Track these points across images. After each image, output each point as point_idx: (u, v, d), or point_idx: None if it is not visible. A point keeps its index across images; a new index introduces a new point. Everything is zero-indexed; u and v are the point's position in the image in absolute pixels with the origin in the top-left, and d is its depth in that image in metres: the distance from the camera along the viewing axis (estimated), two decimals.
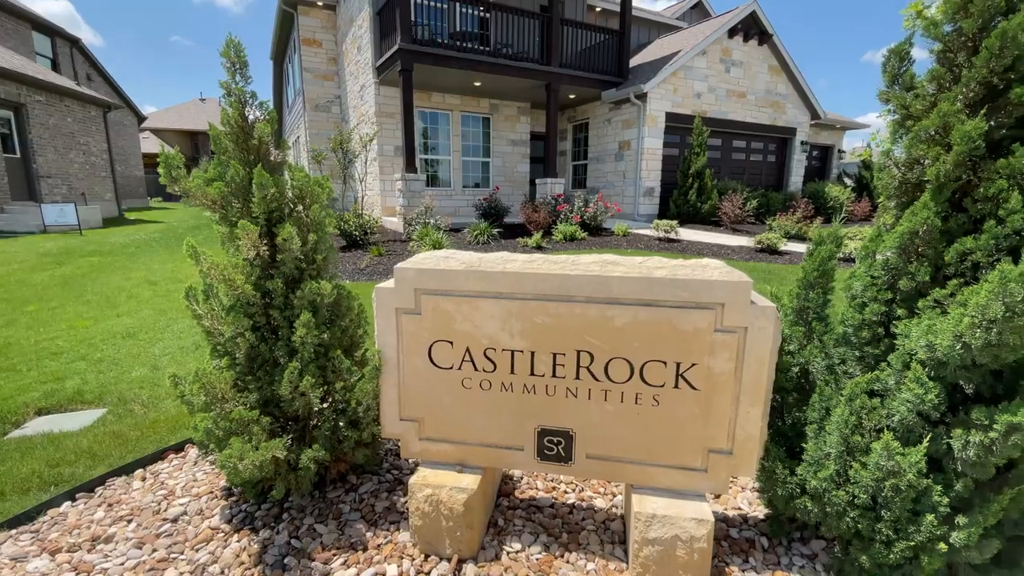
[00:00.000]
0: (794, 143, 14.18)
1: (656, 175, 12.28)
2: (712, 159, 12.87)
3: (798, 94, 13.85)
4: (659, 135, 12.00)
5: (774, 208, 12.06)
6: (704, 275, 1.67)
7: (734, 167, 13.71)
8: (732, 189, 11.82)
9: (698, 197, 11.51)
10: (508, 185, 13.53)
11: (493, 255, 1.91)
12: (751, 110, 13.22)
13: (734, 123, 13.01)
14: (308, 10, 14.13)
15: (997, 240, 1.39)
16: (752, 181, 13.78)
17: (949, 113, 1.47)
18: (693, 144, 11.47)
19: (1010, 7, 1.45)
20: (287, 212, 2.14)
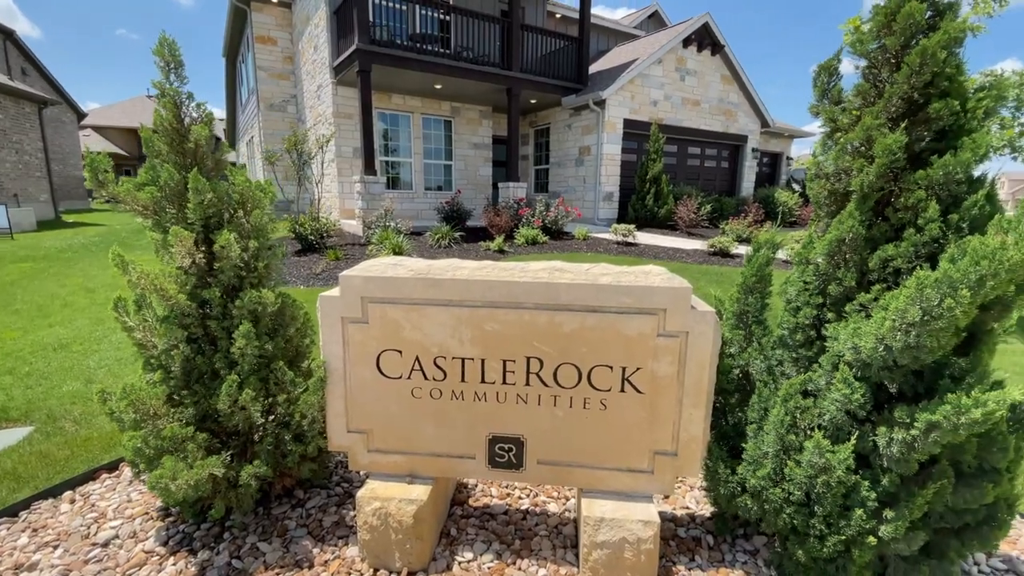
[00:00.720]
0: (745, 150, 14.78)
1: (615, 180, 12.52)
2: (668, 165, 13.24)
3: (749, 103, 14.44)
4: (618, 141, 12.25)
5: (727, 212, 12.51)
6: (647, 281, 1.71)
7: (689, 173, 14.15)
8: (687, 194, 12.20)
9: (655, 202, 11.81)
10: (471, 188, 13.49)
11: (442, 262, 1.89)
12: (705, 118, 13.69)
13: (689, 130, 13.43)
14: (262, 7, 13.69)
15: (916, 247, 1.48)
16: (706, 186, 14.25)
17: (872, 127, 1.55)
18: (650, 150, 11.77)
19: (931, 25, 1.55)
20: (227, 218, 2.05)
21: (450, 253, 8.16)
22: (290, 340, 2.14)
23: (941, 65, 1.47)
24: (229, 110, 21.98)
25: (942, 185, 1.45)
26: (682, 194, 12.31)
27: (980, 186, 1.46)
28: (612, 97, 11.78)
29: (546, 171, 14.38)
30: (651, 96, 12.56)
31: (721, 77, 13.72)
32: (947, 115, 1.47)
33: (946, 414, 1.31)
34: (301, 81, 13.62)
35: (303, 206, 13.02)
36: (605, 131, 11.99)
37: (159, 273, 1.88)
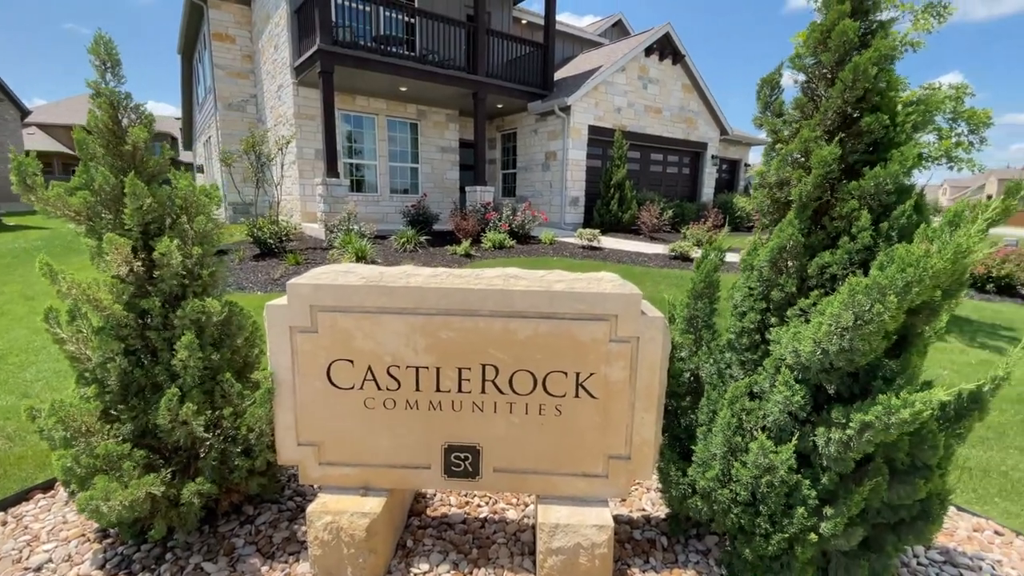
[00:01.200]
0: (706, 157, 15.22)
1: (581, 185, 12.68)
2: (632, 171, 13.50)
3: (708, 111, 14.89)
4: (583, 147, 12.41)
5: (688, 217, 12.85)
6: (599, 288, 1.73)
7: (652, 179, 14.47)
8: (650, 200, 12.46)
9: (619, 207, 12.01)
10: (438, 192, 13.39)
11: (396, 269, 1.86)
12: (667, 125, 14.04)
13: (651, 137, 13.75)
14: (220, 3, 13.24)
15: (850, 255, 1.55)
16: (668, 192, 14.61)
17: (810, 139, 1.62)
18: (614, 156, 11.98)
19: (863, 43, 1.63)
20: (169, 224, 1.96)
21: (416, 257, 8.07)
22: (238, 350, 2.07)
23: (872, 81, 1.54)
24: (185, 109, 21.14)
25: (873, 195, 1.52)
26: (645, 199, 12.57)
27: (908, 196, 1.54)
28: (577, 103, 11.94)
29: (513, 175, 14.44)
30: (615, 103, 12.79)
31: (682, 86, 14.11)
32: (878, 129, 1.54)
33: (878, 414, 1.37)
34: (261, 81, 13.23)
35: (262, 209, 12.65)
36: (570, 137, 12.13)
37: (92, 282, 1.78)
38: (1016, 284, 7.61)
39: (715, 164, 15.61)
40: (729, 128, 15.36)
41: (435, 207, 12.74)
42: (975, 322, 5.90)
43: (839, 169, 1.59)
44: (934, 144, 5.11)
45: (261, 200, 11.62)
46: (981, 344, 5.08)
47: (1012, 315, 6.36)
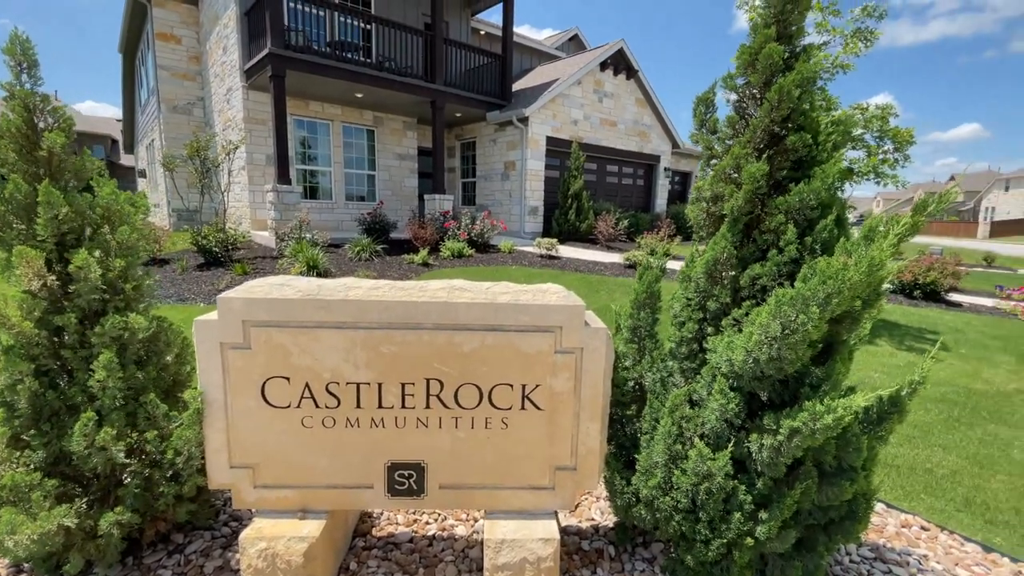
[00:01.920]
0: (659, 169, 15.73)
1: (539, 195, 12.82)
2: (589, 181, 13.78)
3: (661, 126, 15.42)
4: (541, 157, 12.58)
5: (642, 227, 13.21)
6: (544, 300, 1.73)
7: (608, 189, 14.81)
8: (606, 210, 12.74)
9: (577, 217, 12.22)
10: (396, 200, 13.22)
11: (335, 282, 1.80)
12: (622, 138, 14.43)
13: (607, 149, 14.09)
14: (165, 2, 12.70)
15: (779, 267, 1.62)
16: (624, 203, 14.98)
17: (741, 156, 1.69)
18: (571, 167, 12.20)
19: (788, 66, 1.71)
20: (88, 235, 1.83)
21: (371, 267, 7.91)
22: (166, 368, 1.95)
23: (796, 102, 1.63)
24: (126, 110, 20.06)
25: (798, 210, 1.60)
26: (602, 209, 12.85)
27: (830, 211, 1.63)
28: (535, 115, 12.10)
29: (473, 184, 14.44)
30: (572, 115, 13.04)
31: (635, 100, 14.56)
32: (802, 147, 1.63)
33: (804, 420, 1.43)
34: (209, 83, 12.73)
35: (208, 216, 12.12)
36: (529, 147, 12.27)
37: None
38: (940, 290, 8.20)
39: (668, 176, 16.15)
40: (681, 142, 15.95)
41: (392, 215, 12.57)
42: (903, 326, 6.31)
43: (767, 185, 1.66)
44: (863, 160, 5.47)
45: (207, 207, 11.13)
46: (908, 347, 5.44)
47: (936, 319, 6.85)
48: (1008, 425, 3.67)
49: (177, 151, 12.62)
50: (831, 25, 5.64)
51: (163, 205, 14.33)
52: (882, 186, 5.45)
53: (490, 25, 15.60)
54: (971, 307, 7.95)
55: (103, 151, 36.98)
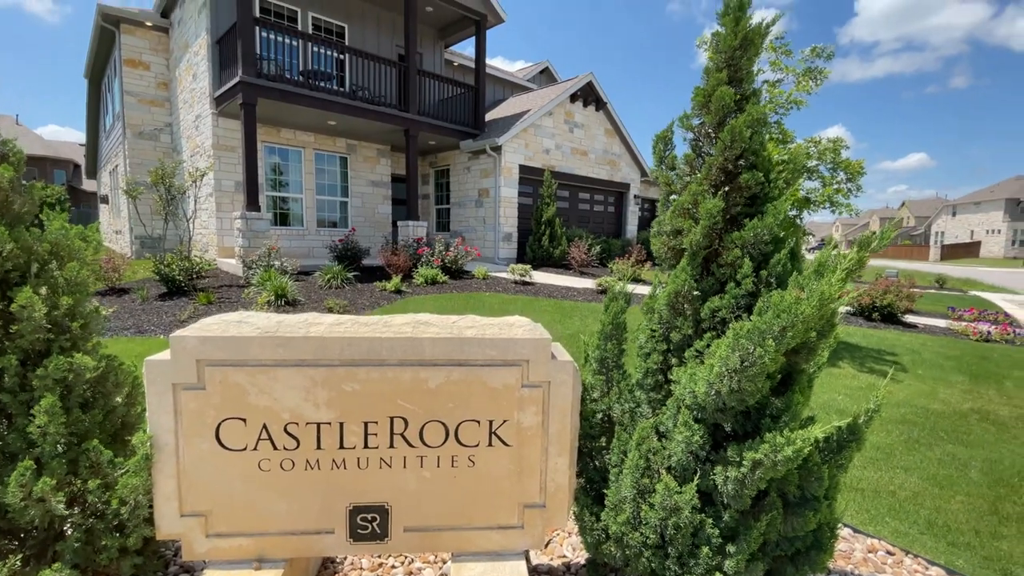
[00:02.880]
0: (629, 197, 16.14)
1: (513, 222, 12.96)
2: (561, 208, 14.03)
3: (630, 155, 15.90)
4: (514, 185, 12.76)
5: (614, 253, 13.44)
6: (510, 333, 1.73)
7: (581, 216, 15.09)
8: (579, 236, 12.95)
9: (550, 243, 12.37)
10: (369, 227, 13.14)
11: (296, 317, 1.76)
12: (592, 167, 14.80)
13: (579, 177, 14.41)
14: (134, 29, 12.58)
15: (737, 299, 1.66)
16: (596, 229, 15.27)
17: (698, 192, 1.75)
18: (544, 195, 12.41)
19: (739, 107, 1.79)
20: (35, 271, 1.75)
21: (342, 294, 7.78)
22: (113, 411, 1.85)
23: (748, 142, 1.70)
24: (90, 136, 19.58)
25: (753, 245, 1.65)
26: (574, 236, 13.04)
27: (783, 245, 1.69)
28: (508, 144, 12.32)
29: (447, 211, 14.50)
30: (543, 145, 13.34)
31: (605, 131, 15.01)
32: (755, 184, 1.70)
33: (766, 452, 1.45)
34: (178, 109, 12.56)
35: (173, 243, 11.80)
36: (502, 175, 12.45)
37: None
38: (896, 312, 8.55)
39: (638, 203, 16.58)
40: (649, 170, 16.43)
41: (366, 242, 12.47)
42: (863, 348, 6.53)
43: (723, 220, 1.72)
44: (819, 191, 5.74)
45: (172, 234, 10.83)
46: (869, 369, 5.62)
47: (894, 341, 7.12)
48: (964, 445, 3.79)
49: (142, 177, 12.32)
50: (784, 64, 5.97)
51: (125, 232, 13.88)
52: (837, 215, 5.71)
53: (463, 57, 15.97)
54: (926, 328, 8.29)
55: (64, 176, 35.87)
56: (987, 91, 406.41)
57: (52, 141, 39.63)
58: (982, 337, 7.76)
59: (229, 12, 9.92)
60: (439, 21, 13.48)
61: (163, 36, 12.92)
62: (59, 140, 43.54)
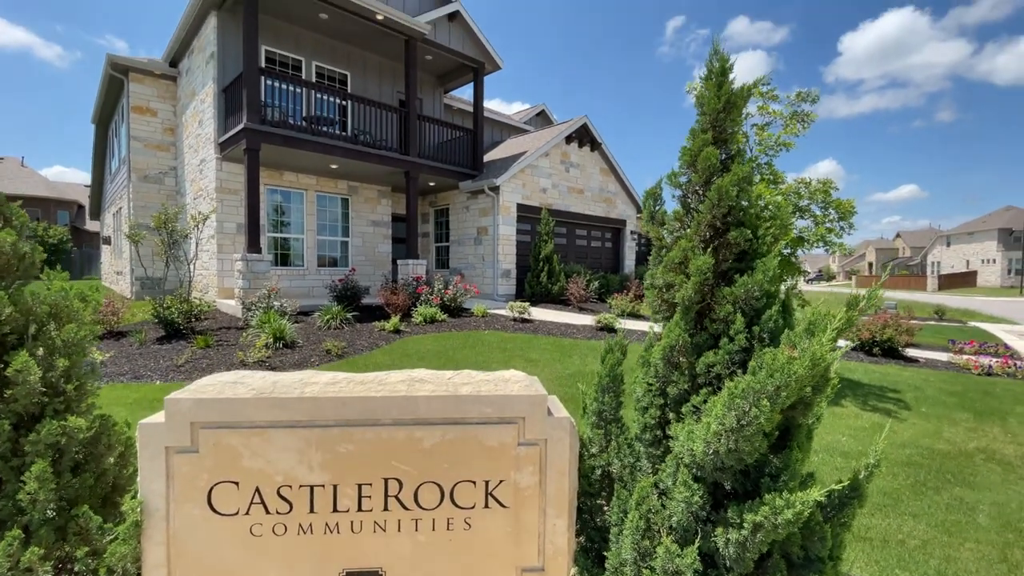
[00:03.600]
0: (625, 232, 16.35)
1: (512, 258, 13.07)
2: (559, 245, 14.19)
3: (625, 192, 16.20)
4: (512, 223, 12.95)
5: (612, 288, 13.50)
6: (506, 389, 1.73)
7: (579, 252, 15.23)
8: (577, 272, 13.04)
9: (548, 279, 12.44)
10: (369, 265, 13.24)
11: (291, 377, 1.76)
12: (589, 204, 15.06)
13: (576, 215, 14.64)
14: (142, 78, 13.03)
15: (731, 355, 1.67)
16: (594, 264, 15.39)
17: (688, 248, 1.78)
18: (541, 232, 12.56)
19: (725, 166, 1.85)
20: (33, 332, 1.76)
21: (341, 335, 7.77)
22: (104, 473, 1.82)
23: (735, 199, 1.75)
24: (95, 178, 19.97)
25: (745, 301, 1.68)
26: (572, 272, 13.13)
27: (775, 301, 1.71)
28: (505, 184, 12.58)
29: (447, 248, 14.65)
30: (540, 184, 13.61)
31: (600, 169, 15.36)
32: (743, 241, 1.73)
33: (766, 515, 1.42)
34: (183, 154, 12.87)
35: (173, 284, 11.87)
36: (500, 214, 12.64)
37: None
38: (897, 346, 8.51)
39: (634, 239, 16.77)
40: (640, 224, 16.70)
41: (365, 280, 12.54)
42: (866, 385, 6.47)
43: (714, 276, 1.74)
44: (811, 230, 5.83)
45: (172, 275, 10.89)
46: (872, 407, 5.55)
47: (896, 376, 7.06)
48: (972, 487, 3.72)
49: (145, 220, 12.51)
50: (771, 108, 6.17)
51: (126, 273, 13.97)
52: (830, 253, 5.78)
53: (462, 101, 16.49)
54: (928, 363, 8.25)
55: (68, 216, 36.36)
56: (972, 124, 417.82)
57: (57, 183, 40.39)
58: (984, 371, 7.71)
59: (236, 62, 10.31)
60: (438, 69, 13.99)
61: (171, 84, 13.37)
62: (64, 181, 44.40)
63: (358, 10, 10.53)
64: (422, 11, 12.20)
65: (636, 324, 9.77)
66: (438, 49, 12.55)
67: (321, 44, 12.08)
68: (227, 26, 10.50)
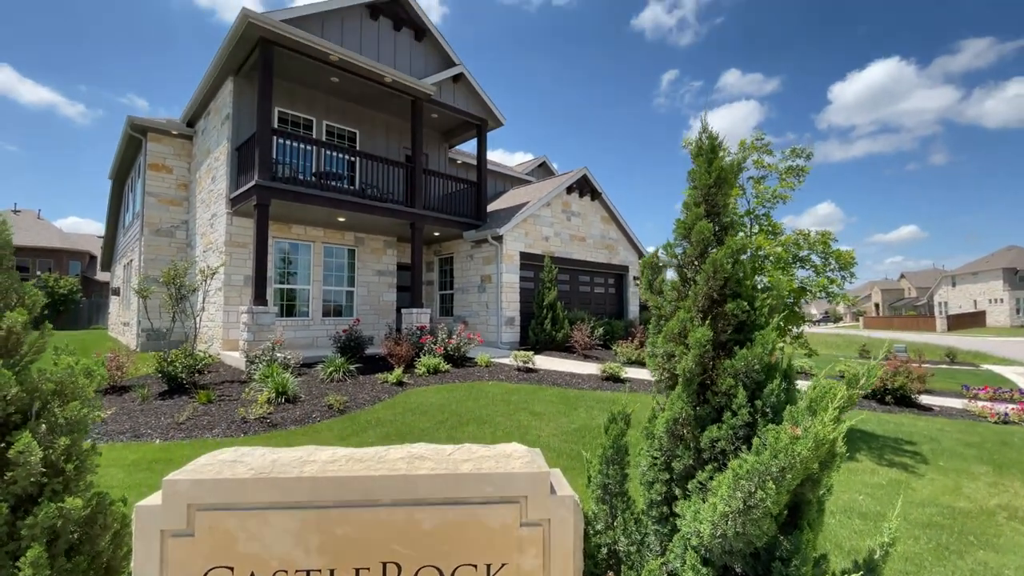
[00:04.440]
0: (628, 278, 16.44)
1: (515, 306, 13.11)
2: (563, 291, 14.26)
3: (626, 239, 16.43)
4: (515, 271, 13.08)
5: (617, 334, 13.44)
6: (508, 467, 1.70)
7: (582, 298, 15.28)
8: (581, 319, 13.03)
9: (553, 326, 12.42)
10: (373, 314, 13.30)
11: (290, 454, 1.75)
12: (591, 251, 15.24)
13: (578, 261, 14.79)
14: (160, 137, 13.64)
15: (735, 430, 1.65)
16: (598, 310, 15.39)
17: (686, 319, 1.80)
18: (545, 279, 12.66)
19: (719, 239, 1.90)
20: (36, 410, 1.77)
21: (343, 388, 7.71)
22: (99, 555, 1.78)
23: (731, 271, 1.79)
24: (109, 230, 20.52)
25: (745, 374, 1.68)
26: (576, 319, 13.12)
27: (775, 373, 1.71)
28: (509, 233, 12.80)
29: (451, 296, 14.74)
30: (543, 232, 13.85)
31: (601, 217, 15.64)
32: (740, 312, 1.75)
33: None
34: (195, 208, 13.25)
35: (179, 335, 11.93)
36: (504, 262, 12.80)
37: None
38: (910, 394, 8.33)
39: (637, 284, 16.83)
40: (646, 252, 16.89)
41: (370, 329, 12.57)
42: (880, 437, 6.30)
43: (713, 347, 1.75)
44: (813, 280, 5.86)
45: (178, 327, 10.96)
46: (889, 462, 5.38)
47: (911, 427, 6.88)
48: (995, 550, 3.55)
49: (155, 271, 12.74)
50: (766, 162, 6.35)
51: (133, 324, 14.07)
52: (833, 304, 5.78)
53: (466, 154, 17.05)
54: (943, 410, 8.05)
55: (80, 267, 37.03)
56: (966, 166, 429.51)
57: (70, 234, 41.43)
58: (1000, 419, 7.51)
59: (250, 122, 10.79)
60: (444, 126, 14.57)
61: (187, 143, 13.96)
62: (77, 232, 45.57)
63: (368, 74, 11.10)
64: (428, 73, 12.83)
65: (642, 372, 9.65)
66: (443, 108, 13.12)
67: (332, 104, 12.66)
68: (243, 90, 11.06)
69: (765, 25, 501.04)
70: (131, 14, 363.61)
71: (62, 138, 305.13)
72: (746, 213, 6.24)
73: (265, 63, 9.67)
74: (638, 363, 10.57)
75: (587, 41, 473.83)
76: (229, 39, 9.84)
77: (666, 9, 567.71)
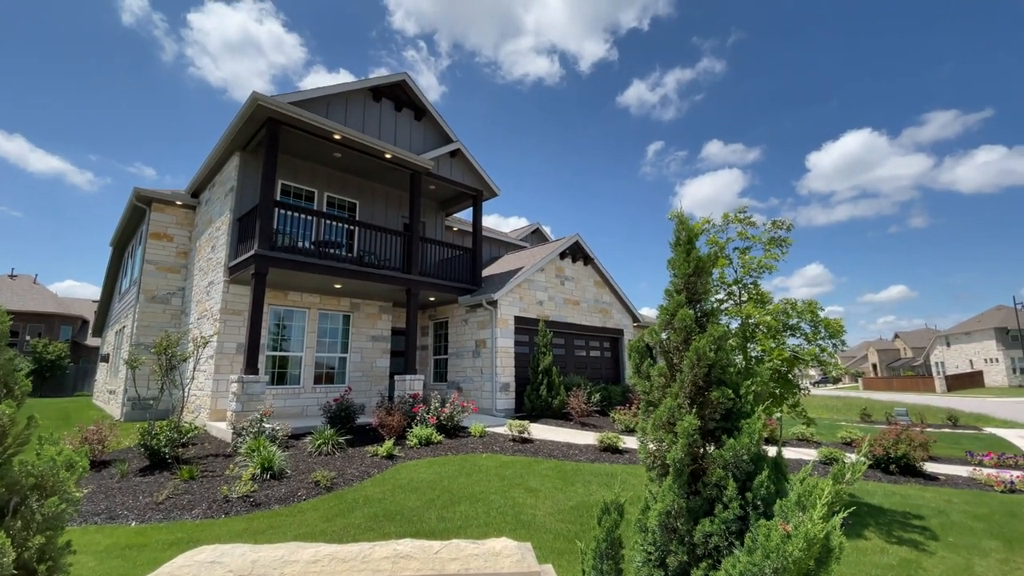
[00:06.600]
0: (623, 342, 16.44)
1: (510, 371, 12.98)
2: (558, 355, 14.19)
3: (620, 303, 16.60)
4: (510, 335, 13.08)
5: (615, 400, 13.23)
6: (496, 566, 1.65)
7: (578, 362, 15.17)
8: (577, 384, 12.87)
9: (548, 392, 12.23)
10: (366, 381, 13.09)
11: (272, 554, 1.69)
12: (585, 315, 15.34)
13: (573, 325, 14.85)
14: (164, 207, 14.04)
15: (727, 524, 1.63)
16: (594, 374, 15.24)
17: (674, 407, 1.82)
18: (539, 344, 12.64)
19: (701, 325, 1.96)
20: (14, 506, 1.73)
21: (331, 462, 7.44)
22: None
23: (714, 358, 1.83)
24: (104, 296, 20.56)
25: (735, 464, 1.68)
26: (573, 384, 12.96)
27: (764, 463, 1.71)
28: (503, 298, 12.93)
29: (445, 361, 14.61)
30: (537, 297, 14.00)
31: (594, 282, 15.90)
32: (725, 400, 1.78)
33: None
34: (192, 275, 13.39)
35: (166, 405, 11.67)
36: (498, 327, 12.82)
37: None
38: (914, 463, 8.13)
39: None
40: (640, 316, 17.01)
41: (362, 396, 12.34)
42: (887, 511, 6.09)
43: (702, 436, 1.76)
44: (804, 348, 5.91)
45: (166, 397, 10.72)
46: (897, 539, 5.18)
47: (918, 499, 6.67)
48: None
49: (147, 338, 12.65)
50: (750, 233, 6.59)
51: (119, 393, 13.75)
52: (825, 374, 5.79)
53: (462, 222, 17.56)
54: (948, 480, 7.84)
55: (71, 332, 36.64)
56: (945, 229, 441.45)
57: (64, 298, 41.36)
58: (1006, 487, 7.32)
59: (253, 193, 11.17)
60: (440, 196, 15.12)
61: (189, 212, 14.34)
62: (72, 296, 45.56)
63: (369, 150, 11.67)
64: (427, 149, 13.49)
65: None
66: (441, 180, 13.67)
67: (334, 177, 13.19)
68: (248, 163, 11.54)
69: (742, 100, 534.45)
70: (148, 89, 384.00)
71: (68, 205, 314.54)
72: (734, 282, 6.39)
73: (271, 140, 10.17)
74: (637, 431, 10.34)
75: (576, 116, 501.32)
76: (239, 117, 10.40)
77: (649, 87, 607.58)
